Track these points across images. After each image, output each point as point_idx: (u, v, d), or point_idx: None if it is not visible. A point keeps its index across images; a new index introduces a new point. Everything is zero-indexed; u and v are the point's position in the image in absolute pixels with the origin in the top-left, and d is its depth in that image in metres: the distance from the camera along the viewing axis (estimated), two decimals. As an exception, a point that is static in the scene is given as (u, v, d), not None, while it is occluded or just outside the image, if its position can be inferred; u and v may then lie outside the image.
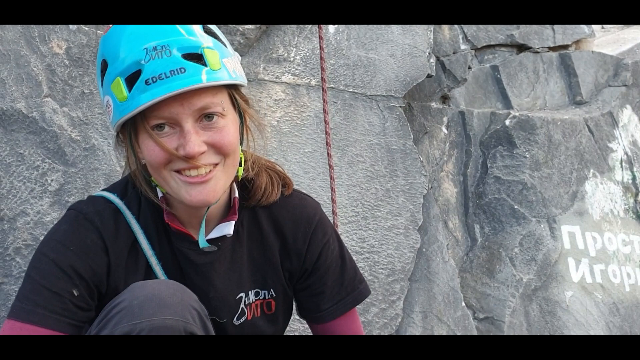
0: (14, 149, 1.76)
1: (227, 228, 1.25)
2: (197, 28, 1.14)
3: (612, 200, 3.03)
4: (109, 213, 1.23)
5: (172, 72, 1.06)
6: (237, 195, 1.27)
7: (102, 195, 1.27)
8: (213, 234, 1.25)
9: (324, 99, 1.85)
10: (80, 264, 1.17)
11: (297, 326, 2.10)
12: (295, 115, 2.31)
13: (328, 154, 1.80)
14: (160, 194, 1.24)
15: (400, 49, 2.57)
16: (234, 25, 2.22)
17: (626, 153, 3.17)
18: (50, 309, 1.14)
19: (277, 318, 1.38)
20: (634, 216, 3.10)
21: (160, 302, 1.06)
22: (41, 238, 1.77)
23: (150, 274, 1.25)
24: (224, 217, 1.27)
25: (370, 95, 2.48)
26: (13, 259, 1.71)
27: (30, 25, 1.83)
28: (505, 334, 2.57)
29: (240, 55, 2.34)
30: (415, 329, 2.44)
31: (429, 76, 2.64)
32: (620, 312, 2.88)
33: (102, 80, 1.15)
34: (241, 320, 1.32)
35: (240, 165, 1.23)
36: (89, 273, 1.18)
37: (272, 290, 1.35)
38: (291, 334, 1.57)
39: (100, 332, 1.07)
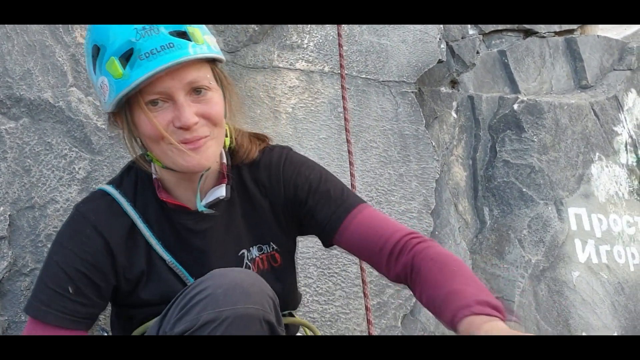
0: (42, 138, 1.79)
1: (220, 191, 1.35)
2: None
3: (617, 182, 3.09)
4: (104, 205, 1.33)
5: (162, 47, 1.16)
6: (225, 161, 1.37)
7: (100, 189, 1.37)
8: (208, 199, 1.34)
9: (342, 86, 1.89)
10: (79, 261, 1.28)
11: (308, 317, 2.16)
12: (310, 102, 2.34)
13: (347, 140, 1.84)
14: (154, 176, 1.33)
15: (412, 34, 2.60)
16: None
17: (631, 136, 3.22)
18: (53, 306, 1.27)
19: (282, 274, 1.44)
20: (639, 198, 3.17)
21: (243, 291, 1.13)
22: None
23: (151, 253, 1.34)
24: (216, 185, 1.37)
25: (382, 81, 2.52)
26: (45, 245, 1.75)
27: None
28: (515, 314, 2.65)
29: (255, 43, 2.38)
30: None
31: (439, 61, 2.67)
32: (625, 291, 2.96)
33: (94, 65, 1.23)
34: None
35: (226, 136, 1.35)
36: (89, 268, 1.29)
37: (272, 243, 1.43)
38: (297, 334, 1.58)
39: (183, 318, 1.13)
